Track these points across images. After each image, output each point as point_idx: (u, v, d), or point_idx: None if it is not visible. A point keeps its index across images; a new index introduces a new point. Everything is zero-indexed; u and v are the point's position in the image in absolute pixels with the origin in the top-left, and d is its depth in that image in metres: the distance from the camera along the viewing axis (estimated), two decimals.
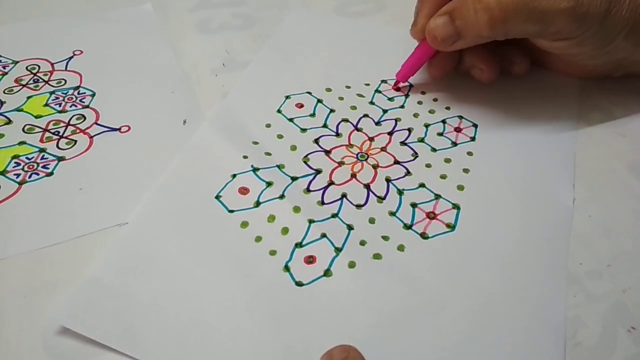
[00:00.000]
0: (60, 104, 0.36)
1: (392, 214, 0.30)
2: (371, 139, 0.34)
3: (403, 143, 0.34)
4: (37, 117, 0.35)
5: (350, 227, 0.29)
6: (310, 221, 0.29)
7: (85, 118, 0.35)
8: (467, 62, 0.36)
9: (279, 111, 0.36)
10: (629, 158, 0.34)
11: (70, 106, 0.36)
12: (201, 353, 0.24)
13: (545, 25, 0.31)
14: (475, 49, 0.34)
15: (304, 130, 0.34)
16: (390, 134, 0.35)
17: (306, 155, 0.33)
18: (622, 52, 0.34)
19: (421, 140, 0.34)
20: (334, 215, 0.29)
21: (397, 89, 0.37)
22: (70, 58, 0.40)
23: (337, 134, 0.34)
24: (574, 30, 0.31)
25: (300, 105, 0.36)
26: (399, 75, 0.37)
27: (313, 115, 0.35)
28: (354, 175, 0.32)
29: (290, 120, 0.35)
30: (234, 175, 0.31)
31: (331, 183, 0.31)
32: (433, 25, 0.33)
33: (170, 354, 0.24)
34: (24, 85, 0.37)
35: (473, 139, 0.34)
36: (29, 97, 0.36)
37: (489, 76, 0.36)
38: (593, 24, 0.31)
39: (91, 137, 0.34)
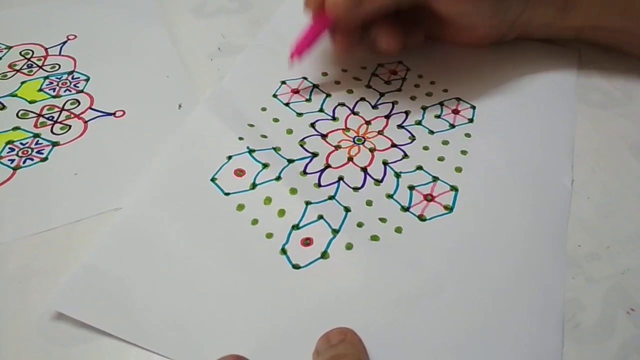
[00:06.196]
0: (54, 89, 0.35)
1: (390, 196, 0.29)
2: (368, 123, 0.34)
3: (400, 126, 0.34)
4: (31, 102, 0.34)
5: (347, 209, 0.29)
6: (307, 203, 0.29)
7: (79, 103, 0.35)
8: (372, 34, 0.35)
9: (274, 96, 0.35)
10: (631, 139, 0.33)
11: (65, 91, 0.35)
12: (198, 336, 0.24)
13: None
14: (379, 22, 0.33)
15: (300, 114, 0.34)
16: (387, 117, 0.34)
17: (302, 139, 0.32)
18: (515, 11, 0.35)
19: (418, 123, 0.34)
20: (331, 197, 0.29)
21: (292, 60, 0.35)
22: (64, 43, 0.39)
23: (334, 118, 0.34)
24: None
25: (296, 91, 0.36)
26: (294, 51, 0.34)
27: (309, 100, 0.35)
28: (350, 159, 0.31)
29: (286, 105, 0.35)
30: (230, 157, 0.31)
31: (328, 166, 0.31)
32: None
33: (168, 338, 0.24)
34: (17, 71, 0.37)
35: (471, 120, 0.34)
36: (22, 82, 0.36)
37: (395, 46, 0.35)
38: None
39: (86, 122, 0.33)
